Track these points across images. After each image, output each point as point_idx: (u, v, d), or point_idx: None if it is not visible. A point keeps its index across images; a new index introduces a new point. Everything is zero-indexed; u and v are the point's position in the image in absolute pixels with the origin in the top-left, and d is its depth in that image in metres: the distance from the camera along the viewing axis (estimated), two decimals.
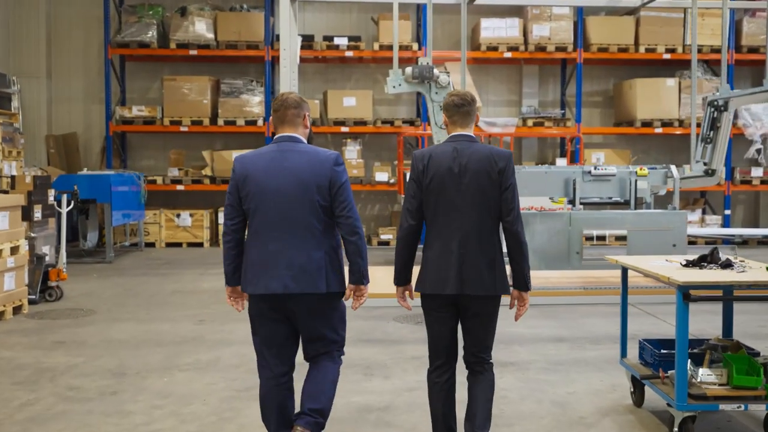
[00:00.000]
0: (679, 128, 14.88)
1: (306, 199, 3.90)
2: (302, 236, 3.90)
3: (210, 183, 14.53)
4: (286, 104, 4.02)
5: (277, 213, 3.91)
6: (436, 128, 9.17)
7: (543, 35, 14.62)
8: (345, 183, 3.97)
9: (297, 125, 4.04)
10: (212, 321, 7.91)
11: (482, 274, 3.88)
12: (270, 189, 3.92)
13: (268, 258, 3.90)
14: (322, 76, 15.64)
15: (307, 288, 3.87)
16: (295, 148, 3.98)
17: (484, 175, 3.89)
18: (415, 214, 4.00)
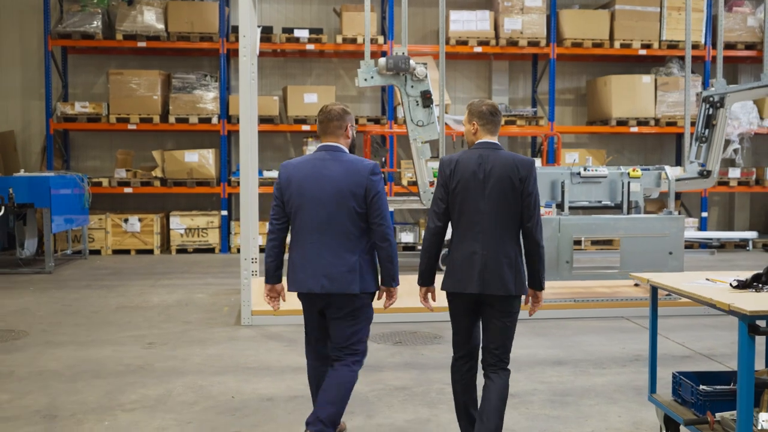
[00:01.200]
0: (655, 127, 14.27)
1: (342, 205, 4.18)
2: (338, 240, 4.19)
3: (160, 185, 13.50)
4: (329, 116, 4.30)
5: (315, 218, 4.21)
6: (413, 125, 8.33)
7: (515, 29, 13.88)
8: (380, 192, 4.22)
9: (339, 136, 4.31)
10: (162, 344, 6.96)
11: (503, 275, 4.07)
12: (309, 195, 4.21)
13: (307, 259, 4.21)
14: (281, 70, 14.70)
15: (341, 288, 4.18)
16: (336, 158, 4.25)
17: (506, 182, 4.07)
18: (442, 217, 4.21)
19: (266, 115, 13.18)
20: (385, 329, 7.51)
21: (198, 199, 14.23)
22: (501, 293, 4.05)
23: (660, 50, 14.21)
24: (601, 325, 7.76)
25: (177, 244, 13.47)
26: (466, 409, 4.34)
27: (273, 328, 7.54)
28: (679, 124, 14.20)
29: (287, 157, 14.43)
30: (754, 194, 15.54)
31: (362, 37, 13.55)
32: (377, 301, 4.47)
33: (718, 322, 7.86)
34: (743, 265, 12.33)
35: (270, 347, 6.85)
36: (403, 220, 14.59)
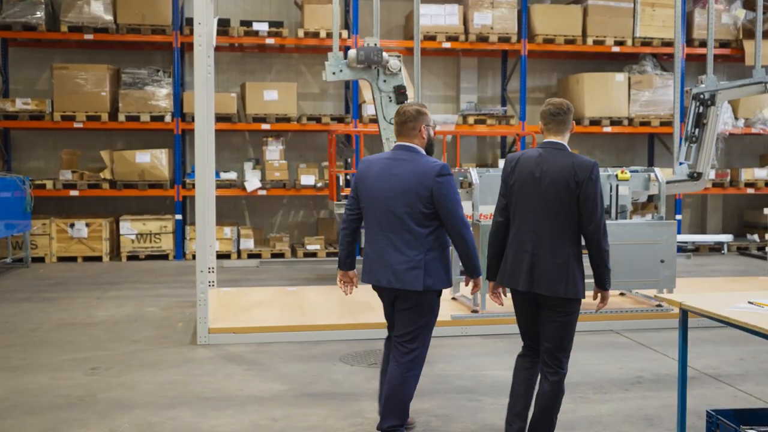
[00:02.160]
0: (629, 127, 13.79)
1: (408, 205, 4.26)
2: (403, 238, 4.29)
3: (110, 188, 12.62)
4: (403, 118, 4.42)
5: (383, 215, 4.34)
6: (385, 123, 7.65)
7: (485, 24, 13.28)
8: (447, 193, 4.25)
9: (413, 136, 4.41)
10: (107, 368, 6.17)
11: (552, 276, 4.08)
12: (378, 193, 4.35)
13: (377, 254, 4.38)
14: (238, 66, 13.89)
15: (405, 285, 4.29)
16: (407, 158, 4.36)
17: (562, 183, 4.06)
18: (503, 212, 4.30)
19: (223, 113, 12.38)
20: (357, 348, 6.82)
21: (150, 202, 13.35)
22: (548, 294, 4.08)
23: (633, 47, 13.74)
24: (591, 340, 7.16)
25: (127, 250, 12.60)
26: (520, 409, 4.31)
27: (233, 348, 6.80)
28: (653, 123, 13.75)
29: (245, 158, 13.65)
30: (726, 196, 15.17)
31: (325, 31, 12.86)
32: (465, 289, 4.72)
33: (715, 336, 7.33)
34: (723, 270, 11.90)
35: (230, 371, 6.10)
36: None
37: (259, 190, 12.90)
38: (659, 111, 13.77)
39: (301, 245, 13.32)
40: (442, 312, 7.50)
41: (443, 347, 6.88)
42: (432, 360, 6.41)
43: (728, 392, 5.64)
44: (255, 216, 14.01)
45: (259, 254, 12.88)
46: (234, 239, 12.87)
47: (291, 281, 10.58)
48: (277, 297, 8.57)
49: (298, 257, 12.93)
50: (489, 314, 7.49)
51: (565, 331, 4.15)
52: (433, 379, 5.91)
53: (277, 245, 13.05)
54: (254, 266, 12.22)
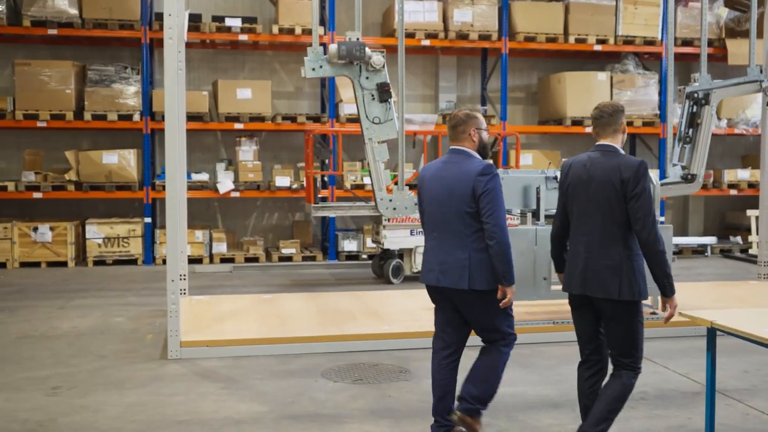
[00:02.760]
0: None
1: (454, 205, 4.36)
2: (451, 238, 4.38)
3: (75, 190, 12.07)
4: (454, 122, 4.52)
5: (434, 216, 4.48)
6: (368, 122, 7.24)
7: (465, 21, 12.92)
8: (488, 191, 4.28)
9: (463, 140, 4.50)
10: (71, 388, 5.69)
11: (604, 278, 4.10)
12: (430, 195, 4.49)
13: (429, 254, 4.51)
14: (210, 63, 13.40)
15: (452, 283, 4.36)
16: (456, 160, 4.47)
17: (608, 185, 4.09)
18: (561, 216, 4.38)
19: (194, 112, 11.89)
20: (340, 361, 6.40)
21: (118, 205, 12.80)
22: (601, 296, 4.10)
23: (616, 46, 13.46)
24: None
25: (94, 255, 12.06)
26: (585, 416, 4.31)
27: (206, 363, 6.34)
28: (635, 124, 13.47)
29: (217, 159, 13.16)
30: (708, 197, 14.96)
31: (301, 27, 12.42)
32: None
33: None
34: (709, 273, 11.66)
35: (204, 390, 5.65)
36: (344, 227, 13.47)
37: (232, 192, 12.43)
38: (642, 111, 13.51)
39: (275, 249, 12.86)
40: (429, 322, 7.16)
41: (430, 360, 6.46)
42: (419, 375, 6.02)
43: (738, 410, 5.30)
44: (228, 219, 13.52)
45: (233, 258, 12.40)
46: (206, 243, 12.39)
47: (266, 287, 10.12)
48: (253, 305, 8.12)
49: (272, 261, 12.47)
50: None
51: (628, 336, 4.14)
52: (421, 397, 5.50)
53: (251, 249, 12.58)
54: (227, 271, 11.74)
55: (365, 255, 12.69)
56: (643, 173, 4.05)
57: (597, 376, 4.33)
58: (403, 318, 7.48)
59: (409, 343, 6.84)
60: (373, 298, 8.62)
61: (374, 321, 7.38)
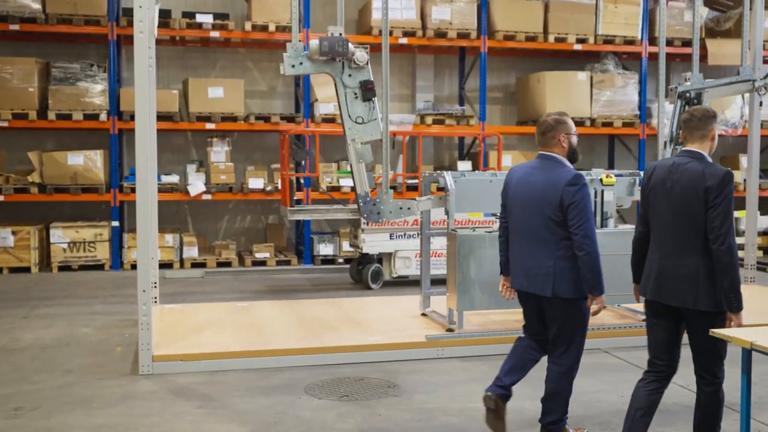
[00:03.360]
0: (591, 128, 13.27)
1: (541, 213, 4.38)
2: (536, 245, 4.43)
3: (39, 192, 11.56)
4: (543, 128, 4.49)
5: (519, 222, 4.53)
6: (350, 122, 6.88)
7: (443, 19, 12.60)
8: (577, 202, 4.29)
9: (552, 145, 4.46)
10: (34, 408, 5.26)
11: (679, 286, 4.05)
12: (516, 201, 4.54)
13: (515, 259, 4.61)
14: (180, 61, 12.95)
15: (535, 290, 4.45)
16: (544, 166, 4.45)
17: (691, 192, 4.01)
18: (642, 222, 4.31)
19: (164, 112, 11.44)
20: (323, 375, 6.04)
21: (84, 207, 12.30)
22: (677, 305, 4.06)
23: (596, 45, 13.23)
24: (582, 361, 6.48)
25: (59, 260, 11.55)
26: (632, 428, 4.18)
27: (181, 379, 5.94)
28: (615, 124, 13.27)
29: (188, 159, 12.71)
30: None
31: (274, 24, 12.04)
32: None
33: None
34: None
35: (179, 409, 5.25)
36: (319, 230, 13.09)
37: (204, 194, 11.99)
38: (621, 111, 13.31)
39: (249, 253, 12.45)
40: (415, 331, 6.84)
41: (419, 373, 6.15)
42: (409, 389, 5.69)
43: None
44: (198, 222, 13.08)
45: (204, 263, 11.97)
46: (176, 247, 11.94)
47: (241, 294, 9.72)
48: (229, 315, 7.72)
49: (246, 266, 12.05)
50: (467, 333, 6.78)
51: (708, 346, 4.04)
52: (414, 415, 5.17)
53: (223, 253, 12.15)
54: (199, 277, 11.30)
55: (342, 259, 12.33)
56: (727, 183, 3.96)
57: (658, 391, 4.23)
58: (387, 327, 7.13)
59: (395, 355, 6.50)
60: (354, 305, 8.26)
61: (357, 331, 7.02)
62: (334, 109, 12.11)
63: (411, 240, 10.12)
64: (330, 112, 12.14)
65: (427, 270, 7.59)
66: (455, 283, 6.68)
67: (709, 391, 4.14)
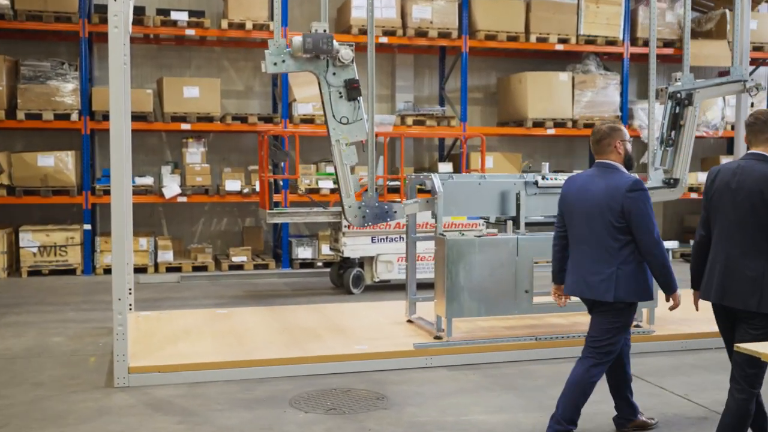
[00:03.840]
0: (573, 129, 13.13)
1: (601, 220, 4.43)
2: (597, 251, 4.48)
3: (7, 194, 11.20)
4: (597, 136, 4.57)
5: (580, 229, 4.57)
6: (335, 122, 6.62)
7: (424, 18, 12.39)
8: (638, 208, 4.36)
9: (608, 153, 4.55)
10: (2, 426, 4.95)
11: (743, 289, 4.04)
12: (576, 209, 4.58)
13: (575, 266, 4.63)
14: (154, 60, 12.61)
15: (596, 296, 4.50)
16: (602, 174, 4.53)
17: (757, 195, 4.00)
18: (704, 225, 4.28)
19: (138, 112, 11.09)
20: (309, 386, 5.78)
21: (55, 210, 11.92)
22: (740, 307, 4.05)
23: (578, 45, 13.09)
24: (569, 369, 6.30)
25: (29, 265, 11.18)
26: None
27: (158, 392, 5.65)
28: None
29: (163, 161, 12.38)
30: (666, 201, 14.67)
31: (251, 22, 11.76)
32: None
33: (703, 361, 6.62)
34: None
35: (158, 425, 4.97)
36: (297, 233, 12.82)
37: (179, 196, 11.67)
38: (603, 112, 13.19)
39: (225, 257, 12.15)
40: (402, 339, 6.61)
41: (408, 383, 5.92)
42: (398, 401, 5.45)
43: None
44: (173, 225, 12.75)
45: (180, 267, 11.65)
46: (151, 251, 11.61)
47: (219, 300, 9.43)
48: (207, 322, 7.43)
49: (222, 270, 11.75)
50: (455, 342, 6.56)
51: None
52: (406, 430, 4.93)
53: (199, 257, 11.84)
54: (175, 282, 10.98)
55: (321, 263, 12.06)
56: None
57: (745, 401, 4.09)
58: (373, 335, 6.89)
59: (382, 364, 6.26)
60: (337, 311, 8.01)
61: (341, 339, 6.77)
62: (312, 109, 11.87)
63: (393, 243, 9.89)
64: (308, 112, 11.88)
65: (413, 275, 7.36)
66: (444, 289, 6.45)
67: (741, 399, 4.06)
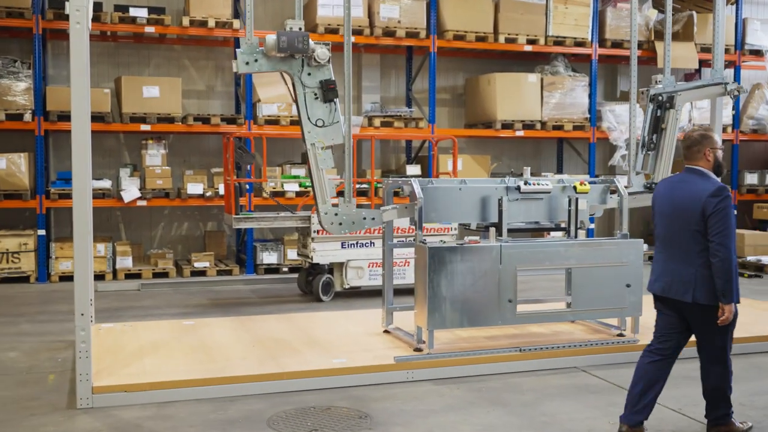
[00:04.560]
0: (542, 131, 12.97)
1: (685, 223, 4.60)
2: (679, 253, 4.65)
3: None
4: (688, 142, 4.73)
5: (666, 231, 4.75)
6: (310, 125, 6.31)
7: (392, 17, 12.11)
8: (717, 212, 4.47)
9: (698, 159, 4.69)
10: None
11: None
12: (663, 212, 4.78)
13: (657, 265, 4.82)
14: (111, 58, 12.13)
15: (676, 295, 4.66)
16: (690, 179, 4.68)
17: None
18: None
19: (95, 112, 10.55)
20: (286, 404, 5.45)
21: (7, 215, 11.37)
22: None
23: (546, 46, 12.94)
24: (560, 382, 6.08)
25: None
26: None
27: (125, 413, 5.27)
28: (566, 128, 13.00)
29: (121, 163, 11.91)
30: None
31: (214, 19, 11.37)
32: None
33: (690, 371, 6.37)
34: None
35: None
36: (262, 237, 12.44)
37: (139, 200, 11.22)
38: (572, 114, 13.07)
39: (187, 262, 11.73)
40: (381, 352, 6.32)
41: (390, 399, 5.62)
42: (383, 420, 5.16)
43: None
44: (132, 229, 12.28)
45: (139, 274, 11.20)
46: (109, 257, 11.14)
47: (183, 309, 9.03)
48: (174, 335, 7.04)
49: (184, 276, 11.33)
50: (438, 354, 6.28)
51: None
52: None
53: (159, 263, 11.40)
54: (135, 289, 10.54)
55: (287, 268, 11.71)
56: None
57: None
58: (350, 347, 6.58)
59: (362, 379, 5.95)
60: (310, 321, 7.68)
61: (318, 352, 6.45)
62: (277, 110, 11.53)
63: (364, 249, 9.59)
64: (273, 113, 11.53)
65: (389, 283, 7.07)
66: (425, 299, 6.17)
67: None
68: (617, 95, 14.77)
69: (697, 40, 13.77)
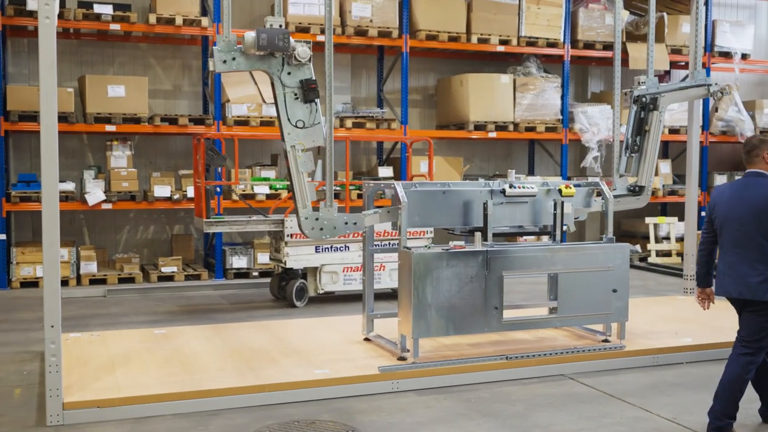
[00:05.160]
0: (515, 132, 12.85)
1: (756, 224, 4.78)
2: (753, 254, 4.80)
3: None
4: (749, 147, 4.96)
5: (734, 234, 4.88)
6: (290, 126, 6.07)
7: (363, 16, 11.89)
8: None
9: (758, 163, 4.93)
10: None
11: None
12: (730, 215, 4.90)
13: (729, 268, 4.91)
14: (75, 56, 11.74)
15: (754, 296, 4.79)
16: (755, 183, 4.90)
17: None
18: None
19: (59, 112, 9.98)
20: (268, 418, 5.21)
21: None
22: None
23: (519, 47, 12.82)
24: (549, 391, 5.92)
25: None
26: None
27: (98, 430, 4.99)
28: (538, 129, 12.90)
29: (85, 165, 11.52)
30: None
31: (182, 17, 11.06)
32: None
33: (680, 377, 6.33)
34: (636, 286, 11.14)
35: None
36: (230, 241, 12.14)
37: (104, 203, 10.84)
38: (545, 116, 12.97)
39: (153, 267, 11.39)
40: (364, 362, 6.11)
41: (376, 411, 5.41)
42: None
43: None
44: (96, 233, 11.89)
45: (105, 279, 10.83)
46: (73, 262, 10.76)
47: (152, 317, 8.72)
48: (146, 345, 6.75)
49: (151, 281, 10.98)
50: (423, 363, 6.08)
51: None
52: None
53: (125, 268, 11.05)
54: (101, 295, 10.18)
55: (257, 272, 11.43)
56: None
57: None
58: (331, 357, 6.36)
59: (346, 390, 5.74)
60: (287, 329, 7.44)
61: (298, 362, 6.21)
62: (247, 110, 11.25)
63: (338, 253, 9.37)
64: (243, 114, 11.25)
65: (370, 290, 6.87)
66: (410, 306, 5.97)
67: None
68: (588, 96, 14.72)
69: (667, 41, 13.76)
